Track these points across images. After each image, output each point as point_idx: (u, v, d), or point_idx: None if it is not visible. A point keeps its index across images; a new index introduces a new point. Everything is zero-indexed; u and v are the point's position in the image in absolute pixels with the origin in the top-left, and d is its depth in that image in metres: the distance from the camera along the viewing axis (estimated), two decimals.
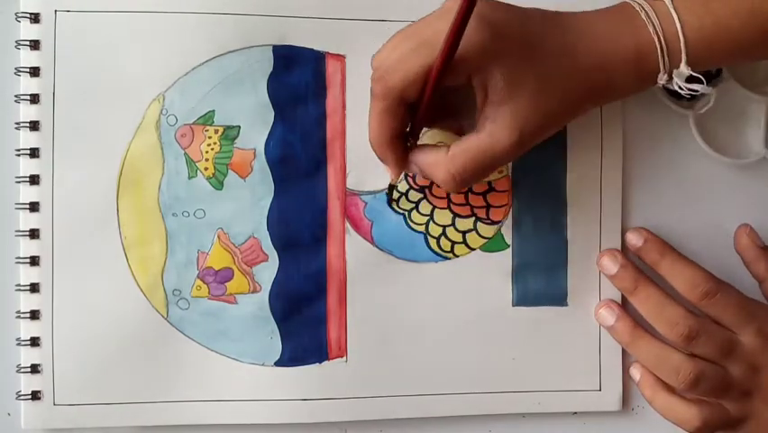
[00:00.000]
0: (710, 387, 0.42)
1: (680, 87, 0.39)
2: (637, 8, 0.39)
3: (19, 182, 0.42)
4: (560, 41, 0.38)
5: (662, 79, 0.39)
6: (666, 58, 0.39)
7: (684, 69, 0.39)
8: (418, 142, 0.41)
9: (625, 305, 0.45)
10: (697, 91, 0.39)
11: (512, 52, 0.37)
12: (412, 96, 0.38)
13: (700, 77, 0.39)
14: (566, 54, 0.38)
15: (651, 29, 0.38)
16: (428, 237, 0.45)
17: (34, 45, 0.42)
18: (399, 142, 0.40)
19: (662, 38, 0.38)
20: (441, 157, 0.39)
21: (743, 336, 0.43)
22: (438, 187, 0.44)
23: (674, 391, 0.44)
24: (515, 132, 0.37)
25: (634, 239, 0.45)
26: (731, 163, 0.46)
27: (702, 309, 0.43)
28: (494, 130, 0.38)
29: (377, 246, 0.44)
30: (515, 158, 0.39)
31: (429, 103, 0.38)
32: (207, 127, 0.43)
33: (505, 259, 0.45)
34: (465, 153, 0.38)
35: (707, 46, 0.39)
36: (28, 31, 0.42)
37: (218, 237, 0.43)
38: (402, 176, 0.44)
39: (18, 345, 0.43)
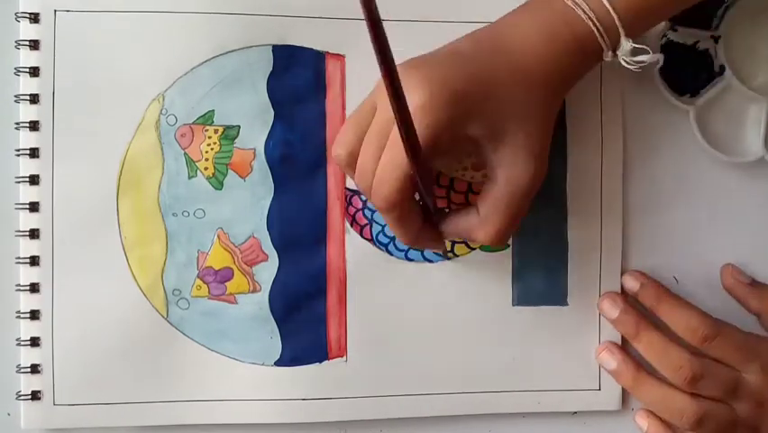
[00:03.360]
0: (715, 427, 0.42)
1: (627, 63, 0.39)
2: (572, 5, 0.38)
3: (19, 182, 0.42)
4: (504, 63, 0.37)
5: (607, 57, 0.39)
6: (605, 36, 0.38)
7: (626, 43, 0.38)
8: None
9: (625, 343, 0.45)
10: (644, 62, 0.38)
11: (474, 102, 0.36)
12: (412, 192, 0.37)
13: (645, 47, 0.38)
14: (516, 70, 0.37)
15: (582, 15, 0.37)
16: None
17: (34, 45, 0.42)
18: (427, 227, 0.40)
19: (595, 21, 0.37)
20: (473, 221, 0.39)
21: (747, 374, 0.43)
22: (440, 186, 0.44)
23: None
24: (527, 164, 0.37)
25: (630, 283, 0.45)
26: (730, 162, 0.46)
27: (704, 352, 0.43)
28: (509, 174, 0.37)
29: (377, 246, 0.44)
30: (541, 183, 0.38)
31: (432, 186, 0.38)
32: (207, 127, 0.43)
33: (505, 259, 0.45)
34: (496, 208, 0.38)
35: (639, 11, 0.38)
36: (28, 31, 0.42)
37: (218, 237, 0.43)
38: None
39: (18, 345, 0.43)
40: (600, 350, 0.45)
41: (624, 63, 0.39)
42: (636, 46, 0.38)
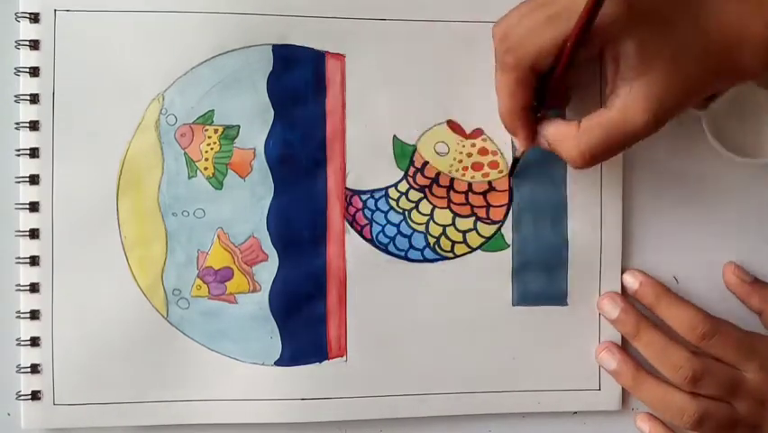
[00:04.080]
0: (716, 426, 0.42)
1: None
2: None
3: (19, 182, 0.42)
4: (693, 17, 0.37)
5: None
6: None
7: None
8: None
9: (625, 343, 0.45)
10: None
11: (646, 24, 0.36)
12: (543, 67, 0.38)
13: None
14: (699, 31, 0.37)
15: None
16: (428, 237, 0.45)
17: (34, 45, 0.42)
18: (530, 114, 0.40)
19: None
20: (571, 131, 0.38)
21: (747, 373, 0.43)
22: (440, 186, 0.44)
23: None
24: (649, 110, 0.37)
25: (629, 281, 0.45)
26: (742, 163, 0.45)
27: (703, 350, 0.43)
28: (627, 107, 0.37)
29: (377, 246, 0.44)
30: (646, 136, 0.38)
31: (563, 75, 0.38)
32: (207, 127, 0.43)
33: (505, 259, 0.45)
34: (597, 128, 0.38)
35: None
36: (28, 31, 0.42)
37: (218, 237, 0.43)
38: (525, 153, 0.42)
39: (18, 345, 0.43)
40: (600, 350, 0.45)
41: None
42: None
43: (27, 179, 0.42)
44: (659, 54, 0.37)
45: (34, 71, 0.42)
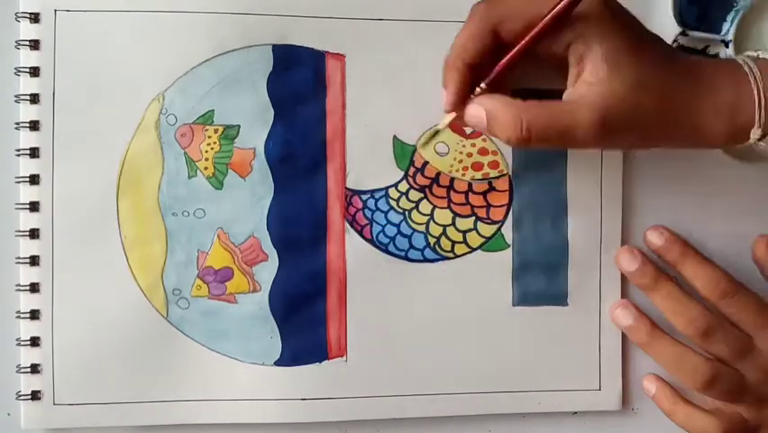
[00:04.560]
0: (727, 389, 0.42)
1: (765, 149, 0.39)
2: (742, 63, 0.39)
3: (19, 182, 0.43)
4: (666, 56, 0.38)
5: (755, 135, 0.39)
6: (763, 113, 0.38)
7: None
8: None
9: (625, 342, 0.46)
10: None
11: (621, 38, 0.37)
12: (507, 33, 0.37)
13: None
14: (668, 70, 0.38)
15: (752, 81, 0.38)
16: (428, 237, 0.45)
17: (34, 45, 0.42)
18: (470, 73, 0.39)
19: (762, 93, 0.38)
20: (513, 106, 0.37)
21: (759, 341, 0.43)
22: (440, 186, 0.44)
23: (692, 403, 0.44)
24: (599, 110, 0.37)
25: (654, 238, 0.45)
26: (748, 166, 0.45)
27: (721, 309, 0.43)
28: (579, 102, 0.37)
29: (377, 246, 0.44)
30: (587, 141, 0.38)
31: (521, 51, 0.37)
32: (207, 127, 0.43)
33: (505, 259, 0.45)
34: (541, 108, 0.37)
35: None
36: (28, 31, 0.42)
37: (218, 237, 0.43)
38: (447, 123, 0.41)
39: (18, 345, 0.43)
40: (615, 306, 0.45)
41: (761, 147, 0.39)
42: None
43: (27, 179, 0.42)
44: (624, 69, 0.37)
45: (34, 71, 0.42)
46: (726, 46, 0.45)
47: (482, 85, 0.39)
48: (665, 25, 0.44)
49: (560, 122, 0.37)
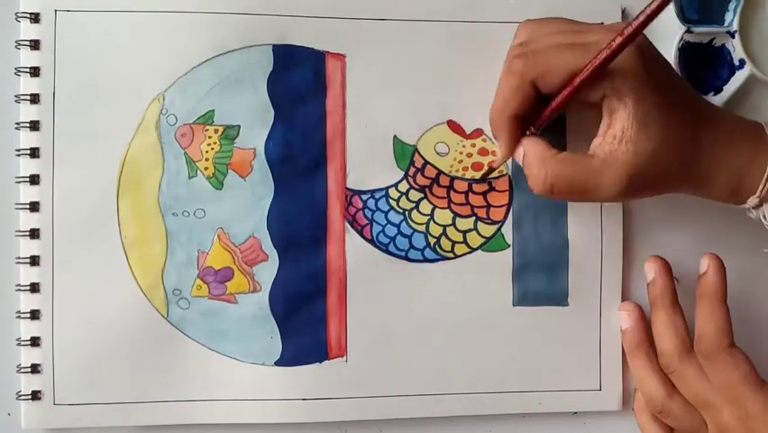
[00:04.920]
0: (677, 425, 0.43)
1: (764, 217, 0.40)
2: (765, 126, 0.40)
3: (19, 182, 0.43)
4: (692, 113, 0.39)
5: (751, 202, 0.39)
6: (766, 187, 0.39)
7: None
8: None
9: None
10: None
11: (654, 93, 0.37)
12: (545, 87, 0.38)
13: None
14: (692, 128, 0.38)
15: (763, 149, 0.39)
16: (428, 237, 0.45)
17: (34, 45, 0.42)
18: (517, 124, 0.40)
19: None
20: (547, 154, 0.39)
21: (708, 418, 0.42)
22: (440, 186, 0.44)
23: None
24: (624, 178, 0.38)
25: (647, 270, 0.45)
26: None
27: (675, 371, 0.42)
28: (609, 160, 0.38)
29: (377, 246, 0.44)
30: (610, 200, 0.39)
31: (561, 104, 0.38)
32: (207, 127, 0.43)
33: (505, 259, 0.45)
34: (571, 165, 0.38)
35: None
36: (28, 31, 0.42)
37: (218, 237, 0.43)
38: (502, 163, 0.43)
39: (18, 345, 0.43)
40: (623, 306, 0.45)
41: (761, 217, 0.40)
42: None
43: (27, 179, 0.42)
44: (653, 126, 0.37)
45: (34, 71, 0.42)
46: (732, 36, 0.45)
47: (532, 129, 0.40)
48: (670, 24, 0.44)
49: (584, 182, 0.38)
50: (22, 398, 0.43)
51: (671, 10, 0.44)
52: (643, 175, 0.38)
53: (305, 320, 0.44)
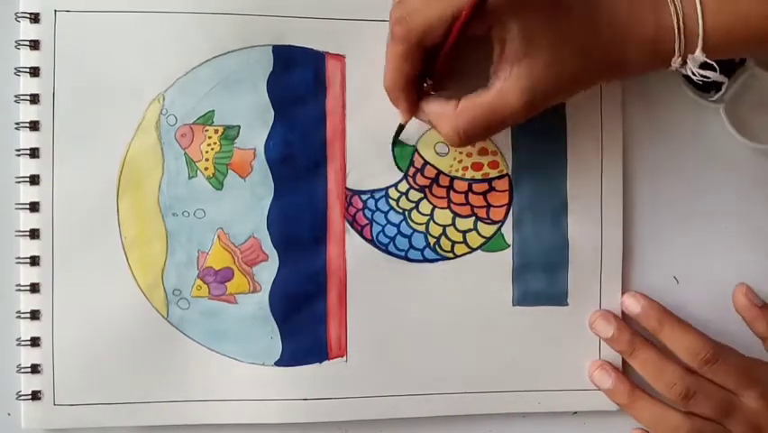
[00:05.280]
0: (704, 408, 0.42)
1: (693, 73, 0.39)
2: None
3: (19, 182, 0.42)
4: (584, 9, 0.38)
5: (675, 63, 0.39)
6: (683, 41, 0.38)
7: (699, 55, 0.38)
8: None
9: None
10: (709, 78, 0.39)
11: (534, 10, 0.37)
12: (432, 41, 0.38)
13: (713, 63, 0.38)
14: (587, 24, 0.38)
15: (672, 9, 0.38)
16: (428, 237, 0.45)
17: (34, 45, 0.42)
18: (413, 88, 0.39)
19: (681, 21, 0.38)
20: (449, 110, 0.39)
21: (745, 399, 0.42)
22: (440, 186, 0.44)
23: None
24: (525, 93, 0.37)
25: (631, 305, 0.45)
26: (756, 149, 0.45)
27: (704, 375, 0.43)
28: (505, 88, 0.37)
29: (377, 246, 0.44)
30: (522, 120, 0.38)
31: (450, 52, 0.38)
32: (207, 127, 0.43)
33: (505, 259, 0.45)
34: (473, 109, 0.38)
35: (725, 33, 0.38)
36: (28, 31, 0.42)
37: (218, 237, 0.43)
38: (409, 121, 0.42)
39: (18, 345, 0.43)
40: (594, 369, 0.45)
41: (689, 73, 0.39)
42: (708, 61, 0.38)
43: (27, 179, 0.42)
44: (542, 40, 0.37)
45: (34, 71, 0.42)
46: None
47: (429, 81, 0.40)
48: None
49: (492, 115, 0.38)
50: (22, 398, 0.43)
51: None
52: (543, 90, 0.37)
53: (305, 320, 0.44)
